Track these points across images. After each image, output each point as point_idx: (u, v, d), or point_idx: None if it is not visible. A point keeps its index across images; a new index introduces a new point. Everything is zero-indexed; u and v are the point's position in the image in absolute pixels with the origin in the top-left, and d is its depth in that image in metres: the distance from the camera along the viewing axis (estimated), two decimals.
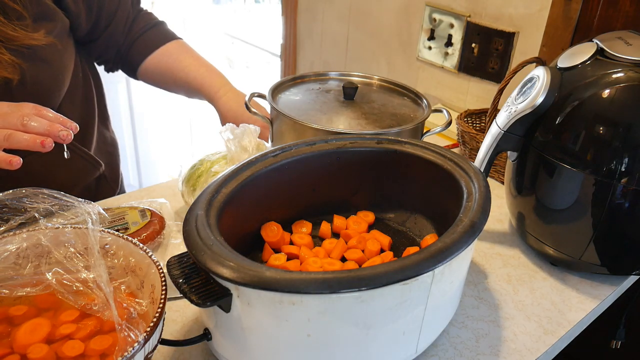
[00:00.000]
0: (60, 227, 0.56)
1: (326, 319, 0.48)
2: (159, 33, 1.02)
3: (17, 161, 0.64)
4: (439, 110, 0.95)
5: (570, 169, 0.69)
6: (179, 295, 0.64)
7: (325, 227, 0.73)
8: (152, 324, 0.47)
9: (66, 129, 0.66)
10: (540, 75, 0.73)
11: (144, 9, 1.04)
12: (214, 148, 0.85)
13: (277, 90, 0.93)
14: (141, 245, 0.56)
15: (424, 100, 0.93)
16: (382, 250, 0.70)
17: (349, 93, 0.91)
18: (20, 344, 0.49)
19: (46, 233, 0.55)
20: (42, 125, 0.65)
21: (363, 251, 0.68)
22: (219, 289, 0.48)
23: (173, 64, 1.00)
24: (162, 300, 0.49)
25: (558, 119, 0.70)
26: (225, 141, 0.79)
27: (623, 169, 0.66)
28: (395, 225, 0.75)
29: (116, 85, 2.40)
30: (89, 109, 0.99)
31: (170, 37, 1.02)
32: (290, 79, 0.98)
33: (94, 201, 0.59)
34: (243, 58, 2.69)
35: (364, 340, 0.51)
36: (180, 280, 0.49)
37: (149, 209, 0.77)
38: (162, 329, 0.51)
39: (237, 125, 0.79)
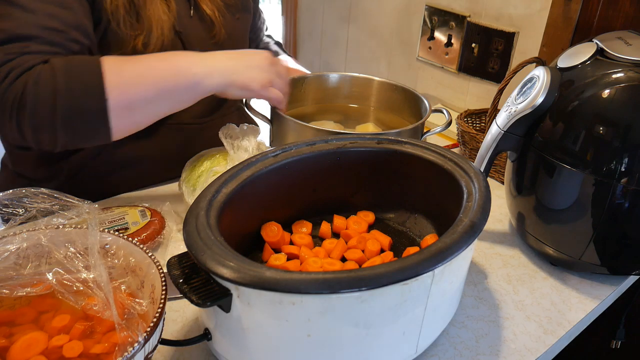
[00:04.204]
0: (60, 227, 0.56)
1: (326, 319, 0.48)
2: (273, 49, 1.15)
3: (285, 102, 0.81)
4: (439, 110, 0.95)
5: (570, 169, 0.69)
6: (179, 295, 0.64)
7: (325, 227, 0.73)
8: (152, 324, 0.47)
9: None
10: (540, 75, 0.73)
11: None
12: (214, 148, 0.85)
13: None
14: (141, 245, 0.56)
15: (424, 100, 0.93)
16: (382, 250, 0.70)
17: None
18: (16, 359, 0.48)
19: (46, 233, 0.55)
20: (282, 88, 0.80)
21: (363, 251, 0.68)
22: (219, 289, 0.48)
23: None
24: (162, 300, 0.49)
25: (558, 119, 0.70)
26: (225, 141, 0.79)
27: (623, 169, 0.66)
28: (395, 225, 0.75)
29: None
30: None
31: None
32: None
33: None
34: None
35: (364, 340, 0.51)
36: (180, 280, 0.49)
37: (149, 209, 0.77)
38: (162, 329, 0.51)
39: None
